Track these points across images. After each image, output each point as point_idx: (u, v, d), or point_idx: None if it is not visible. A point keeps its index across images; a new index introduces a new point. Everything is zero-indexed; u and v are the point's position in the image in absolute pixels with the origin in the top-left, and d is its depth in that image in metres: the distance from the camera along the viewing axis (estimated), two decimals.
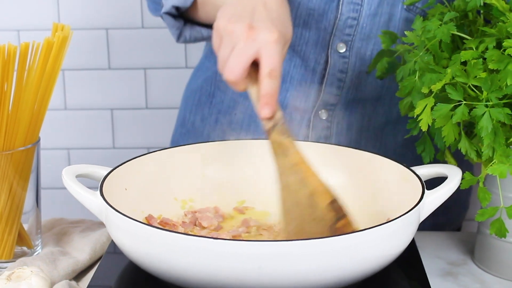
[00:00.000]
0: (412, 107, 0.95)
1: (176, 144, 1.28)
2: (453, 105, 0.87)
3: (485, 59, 0.87)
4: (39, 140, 0.98)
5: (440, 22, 0.92)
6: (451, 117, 0.87)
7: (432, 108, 0.88)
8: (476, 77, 0.86)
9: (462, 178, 0.89)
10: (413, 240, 0.93)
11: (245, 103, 1.18)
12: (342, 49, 1.10)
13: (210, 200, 0.99)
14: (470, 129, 0.91)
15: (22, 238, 0.98)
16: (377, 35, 1.09)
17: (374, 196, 0.95)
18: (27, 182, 0.97)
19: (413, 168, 0.92)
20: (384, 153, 0.98)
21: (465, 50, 0.90)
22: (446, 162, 0.97)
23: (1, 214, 0.95)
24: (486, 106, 0.85)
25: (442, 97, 0.89)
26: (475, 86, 0.87)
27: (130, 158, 0.95)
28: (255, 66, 0.85)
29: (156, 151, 0.98)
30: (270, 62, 0.84)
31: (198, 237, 0.75)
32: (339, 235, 0.75)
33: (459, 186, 0.89)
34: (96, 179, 0.91)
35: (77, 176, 0.90)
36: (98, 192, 0.85)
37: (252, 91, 0.86)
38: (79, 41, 1.63)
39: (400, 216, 0.80)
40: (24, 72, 0.94)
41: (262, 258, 0.74)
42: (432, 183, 0.92)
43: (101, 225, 1.06)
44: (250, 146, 1.02)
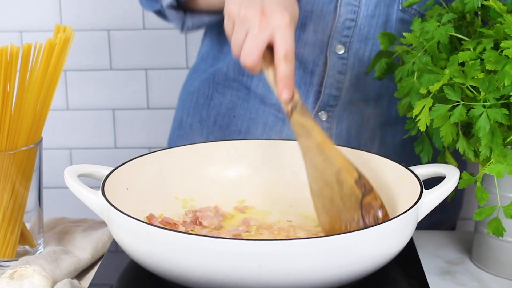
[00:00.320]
0: (410, 108, 0.95)
1: (174, 145, 1.27)
2: (451, 105, 0.87)
3: (482, 60, 0.87)
4: (42, 140, 0.98)
5: (438, 24, 0.92)
6: (449, 117, 0.87)
7: (430, 108, 0.88)
8: (474, 77, 0.86)
9: (460, 177, 0.89)
10: (411, 239, 0.92)
11: (244, 105, 1.18)
12: (341, 50, 1.10)
13: (210, 199, 0.99)
14: (468, 129, 0.91)
15: (25, 237, 0.98)
16: (375, 36, 1.09)
17: None
18: (30, 181, 0.97)
19: (411, 167, 0.92)
20: (383, 153, 0.98)
21: (463, 51, 0.90)
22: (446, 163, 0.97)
23: (3, 213, 0.95)
24: (484, 106, 0.85)
25: (440, 97, 0.89)
26: (473, 87, 0.87)
27: (132, 158, 0.95)
28: (269, 49, 0.87)
29: (157, 151, 0.98)
30: (285, 45, 0.85)
31: (199, 236, 0.75)
32: (339, 234, 0.75)
33: (457, 185, 0.89)
34: (98, 179, 0.91)
35: (79, 175, 0.90)
36: (100, 191, 0.85)
37: (268, 74, 0.88)
38: (81, 42, 1.63)
39: (398, 215, 0.80)
40: (26, 73, 0.94)
41: (262, 257, 0.74)
42: (430, 183, 0.93)
43: (102, 224, 1.06)
44: (250, 146, 1.02)
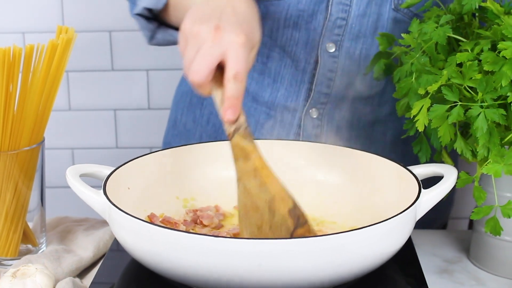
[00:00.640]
0: (409, 108, 0.95)
1: (168, 145, 1.27)
2: (449, 106, 0.87)
3: (480, 61, 0.87)
4: (44, 140, 0.98)
5: (436, 25, 0.92)
6: (447, 117, 0.87)
7: (428, 109, 0.88)
8: (471, 78, 0.86)
9: (458, 177, 0.89)
10: (409, 238, 0.93)
11: None
12: (332, 49, 1.10)
13: (211, 199, 0.99)
14: (465, 129, 0.91)
15: (27, 236, 0.99)
16: (366, 35, 1.09)
17: (372, 194, 0.95)
18: (32, 181, 0.97)
19: (409, 167, 0.92)
20: (373, 150, 0.98)
21: (460, 52, 0.90)
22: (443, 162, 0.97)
23: (6, 212, 0.95)
24: (481, 107, 0.85)
25: (438, 98, 0.89)
26: (471, 87, 0.87)
27: (133, 158, 0.95)
28: (221, 70, 0.83)
29: (158, 151, 0.98)
30: (236, 65, 0.81)
31: (199, 235, 0.75)
32: (338, 233, 0.75)
33: (455, 185, 0.89)
34: (99, 178, 0.91)
35: (81, 175, 0.90)
36: (102, 191, 0.85)
37: (216, 95, 0.83)
38: (83, 43, 1.63)
39: (397, 214, 0.80)
40: (29, 73, 0.94)
41: (261, 256, 0.74)
42: (428, 182, 0.93)
43: (104, 223, 1.06)
44: None
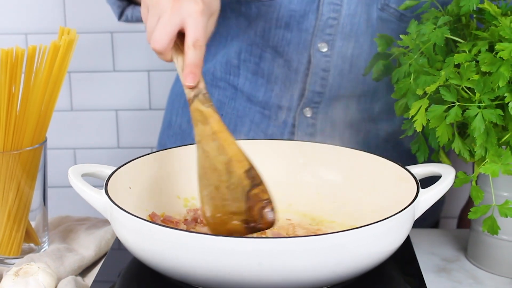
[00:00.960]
0: (407, 108, 0.95)
1: (163, 146, 1.28)
2: (447, 106, 0.87)
3: (477, 62, 0.87)
4: (46, 140, 0.98)
5: (434, 26, 0.92)
6: (445, 118, 0.87)
7: (426, 109, 0.88)
8: (469, 79, 0.86)
9: (456, 177, 0.89)
10: (408, 237, 0.93)
11: (231, 104, 1.19)
12: (324, 48, 1.10)
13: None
14: (463, 129, 0.91)
15: (30, 235, 0.98)
16: (357, 34, 1.09)
17: (371, 194, 0.95)
18: (35, 181, 0.97)
19: (408, 167, 0.92)
20: (367, 148, 0.98)
21: (458, 53, 0.90)
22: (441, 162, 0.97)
23: (9, 212, 0.95)
24: (479, 107, 0.85)
25: (436, 98, 0.89)
26: (468, 88, 0.87)
27: (134, 158, 0.95)
28: (181, 37, 0.85)
29: (159, 151, 0.98)
30: (195, 32, 0.84)
31: (200, 234, 0.75)
32: (337, 233, 0.75)
33: (453, 184, 0.89)
34: (101, 178, 0.91)
35: (82, 175, 0.90)
36: (103, 190, 0.85)
37: (177, 61, 0.86)
38: (85, 44, 1.63)
39: (395, 213, 0.80)
40: (31, 74, 0.94)
41: (262, 255, 0.74)
42: (426, 182, 0.93)
43: (106, 222, 1.06)
44: (250, 146, 1.02)
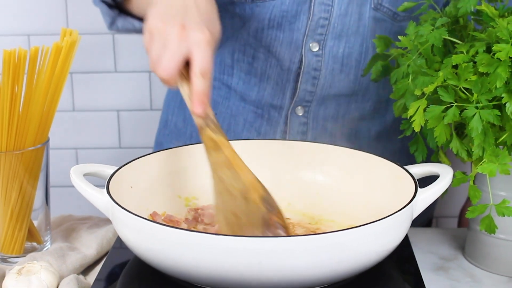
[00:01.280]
0: (405, 109, 0.95)
1: (160, 145, 1.29)
2: (444, 106, 0.87)
3: (475, 63, 0.87)
4: (49, 140, 0.98)
5: (432, 27, 0.92)
6: (443, 118, 0.87)
7: (424, 109, 0.88)
8: (467, 80, 0.86)
9: (454, 176, 0.89)
10: (406, 236, 0.93)
11: (225, 103, 1.19)
12: (315, 48, 1.10)
13: (212, 197, 0.99)
14: (461, 129, 0.91)
15: (32, 234, 0.98)
16: (348, 34, 1.10)
17: (370, 193, 0.95)
18: (37, 180, 0.97)
19: (406, 167, 0.92)
20: (358, 146, 0.98)
21: (456, 54, 0.90)
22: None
23: (12, 211, 0.95)
24: (477, 107, 0.85)
25: (434, 99, 0.89)
26: (466, 89, 0.87)
27: (136, 158, 0.95)
28: (186, 65, 0.85)
29: (160, 151, 0.98)
30: (202, 61, 0.83)
31: (201, 233, 0.75)
32: (336, 232, 0.75)
33: (451, 184, 0.89)
34: (103, 178, 0.91)
35: (84, 174, 0.90)
36: (105, 190, 0.85)
37: (183, 89, 0.86)
38: (87, 45, 1.63)
39: (394, 213, 0.80)
40: (34, 75, 0.94)
41: (262, 253, 0.74)
42: (424, 181, 0.93)
43: (107, 221, 1.06)
44: (250, 146, 1.02)
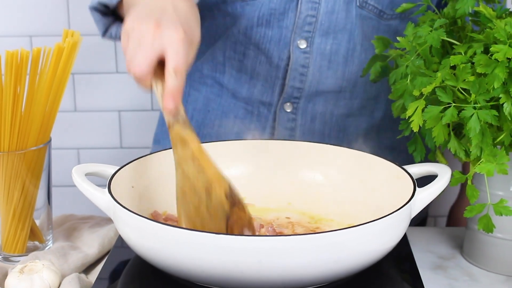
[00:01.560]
0: (404, 109, 0.95)
1: (158, 142, 1.30)
2: (443, 107, 0.87)
3: (473, 64, 0.87)
4: (50, 140, 0.98)
5: (430, 29, 0.92)
6: (441, 118, 0.87)
7: (423, 110, 0.88)
8: (464, 80, 0.86)
9: (452, 176, 0.89)
10: (405, 235, 0.93)
11: (217, 100, 1.20)
12: (303, 45, 1.11)
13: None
14: (459, 130, 0.91)
15: (34, 233, 0.98)
16: (336, 31, 1.10)
17: (369, 193, 0.95)
18: (39, 180, 0.97)
19: (405, 166, 0.92)
20: (347, 143, 0.99)
21: (454, 55, 0.90)
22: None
23: (14, 210, 0.95)
24: (474, 108, 0.85)
25: (432, 99, 0.89)
26: (464, 89, 0.87)
27: (137, 158, 0.95)
28: (161, 65, 0.84)
29: (161, 151, 0.98)
30: (175, 59, 0.82)
31: (201, 232, 0.75)
32: (335, 231, 0.75)
33: (449, 184, 0.89)
34: (104, 177, 0.91)
35: (86, 174, 0.90)
36: (106, 189, 0.85)
37: (157, 88, 0.85)
38: (88, 46, 1.62)
39: (392, 212, 0.80)
40: (36, 76, 0.94)
41: (261, 252, 0.74)
42: (423, 181, 0.93)
43: (109, 221, 1.06)
44: (250, 146, 1.02)
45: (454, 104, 0.86)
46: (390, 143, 1.18)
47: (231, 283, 0.77)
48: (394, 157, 1.00)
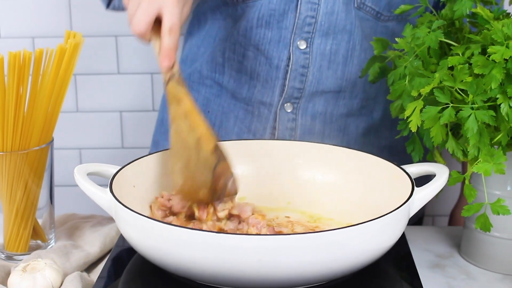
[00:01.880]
0: (402, 109, 0.95)
1: (156, 143, 1.30)
2: (440, 107, 0.87)
3: (470, 64, 0.87)
4: (53, 140, 0.98)
5: (428, 30, 0.92)
6: (439, 118, 0.87)
7: (421, 110, 0.88)
8: (462, 81, 0.86)
9: (450, 176, 0.89)
10: (403, 234, 0.93)
11: (216, 101, 1.20)
12: (303, 45, 1.11)
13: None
14: (456, 130, 0.91)
15: (37, 232, 0.99)
16: (335, 31, 1.10)
17: (367, 192, 0.96)
18: (42, 180, 0.97)
19: (403, 166, 0.92)
20: (346, 142, 0.99)
21: (452, 56, 0.90)
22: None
23: (17, 210, 0.95)
24: (472, 108, 0.85)
25: (430, 100, 0.89)
26: (462, 90, 0.87)
27: (138, 157, 0.95)
28: (159, 23, 0.89)
29: (162, 151, 0.98)
30: (170, 19, 0.88)
31: (202, 231, 0.75)
32: (334, 230, 0.75)
33: (446, 183, 0.89)
34: (106, 177, 0.91)
35: (88, 174, 0.90)
36: (108, 189, 0.85)
37: (155, 45, 0.90)
38: (90, 47, 1.63)
39: (391, 211, 0.80)
40: (38, 76, 0.94)
41: (261, 251, 0.74)
42: (421, 181, 0.93)
43: (110, 220, 1.06)
44: (250, 146, 1.02)
45: (452, 104, 0.86)
46: (389, 143, 1.18)
47: (231, 281, 0.77)
48: (392, 157, 1.00)
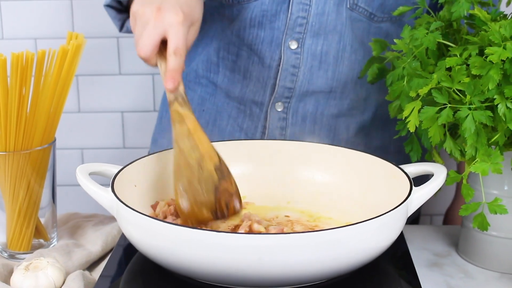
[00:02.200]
0: (400, 110, 0.95)
1: (155, 141, 1.31)
2: (438, 108, 0.87)
3: (468, 65, 0.87)
4: (55, 140, 0.98)
5: (426, 31, 0.92)
6: (437, 119, 0.87)
7: (419, 110, 0.88)
8: (460, 82, 0.86)
9: (447, 175, 0.89)
10: (401, 233, 0.93)
11: (211, 100, 1.20)
12: (294, 46, 1.11)
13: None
14: (454, 130, 0.91)
15: (39, 231, 0.99)
16: (326, 32, 1.10)
17: (366, 192, 0.96)
18: (44, 179, 0.97)
19: (401, 166, 0.92)
20: (337, 142, 0.99)
21: (450, 57, 0.90)
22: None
23: (19, 209, 0.95)
24: (469, 109, 0.85)
25: (428, 100, 0.89)
26: (459, 90, 0.87)
27: (139, 157, 0.95)
28: (165, 45, 0.89)
29: (163, 151, 0.98)
30: (175, 41, 0.87)
31: (202, 230, 0.75)
32: (334, 229, 0.75)
33: (444, 183, 0.89)
34: (107, 177, 0.91)
35: (90, 174, 0.90)
36: (110, 188, 0.85)
37: (161, 67, 0.90)
38: (92, 48, 1.63)
39: (389, 210, 0.80)
40: (41, 77, 0.94)
41: (261, 250, 0.74)
42: (419, 180, 0.93)
43: (112, 219, 1.06)
44: (250, 146, 1.02)
45: (449, 105, 0.86)
46: (380, 144, 1.18)
47: (232, 280, 0.77)
48: (384, 157, 0.99)
